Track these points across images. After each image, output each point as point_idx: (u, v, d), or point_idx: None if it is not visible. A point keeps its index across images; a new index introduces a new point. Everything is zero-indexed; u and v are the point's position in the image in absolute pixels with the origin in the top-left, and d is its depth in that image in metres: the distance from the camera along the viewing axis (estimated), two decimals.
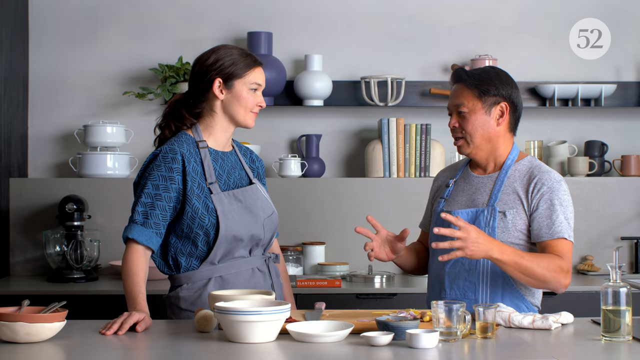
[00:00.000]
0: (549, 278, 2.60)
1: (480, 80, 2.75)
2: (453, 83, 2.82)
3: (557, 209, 2.68)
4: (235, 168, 2.83)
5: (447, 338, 2.30)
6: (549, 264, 2.60)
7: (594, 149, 4.51)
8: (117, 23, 4.52)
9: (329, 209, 4.40)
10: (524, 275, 2.59)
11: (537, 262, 2.58)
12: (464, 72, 2.79)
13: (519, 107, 2.80)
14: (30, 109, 4.50)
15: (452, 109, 2.80)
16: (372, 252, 2.75)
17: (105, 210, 4.30)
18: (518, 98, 2.79)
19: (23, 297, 2.54)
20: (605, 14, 4.60)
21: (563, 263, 2.62)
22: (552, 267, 2.60)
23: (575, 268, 4.40)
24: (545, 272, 2.59)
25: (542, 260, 2.60)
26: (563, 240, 2.67)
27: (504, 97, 2.76)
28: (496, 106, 2.76)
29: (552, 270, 2.60)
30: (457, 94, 2.78)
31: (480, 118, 2.75)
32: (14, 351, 2.21)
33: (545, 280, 2.60)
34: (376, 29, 4.58)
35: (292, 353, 2.20)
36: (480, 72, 2.79)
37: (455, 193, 2.85)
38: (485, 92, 2.74)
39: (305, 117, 4.57)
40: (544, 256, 2.62)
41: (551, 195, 2.70)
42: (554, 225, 2.67)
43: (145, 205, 2.66)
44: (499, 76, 2.78)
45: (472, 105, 2.75)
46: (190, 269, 2.73)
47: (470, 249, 2.51)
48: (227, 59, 2.73)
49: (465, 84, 2.77)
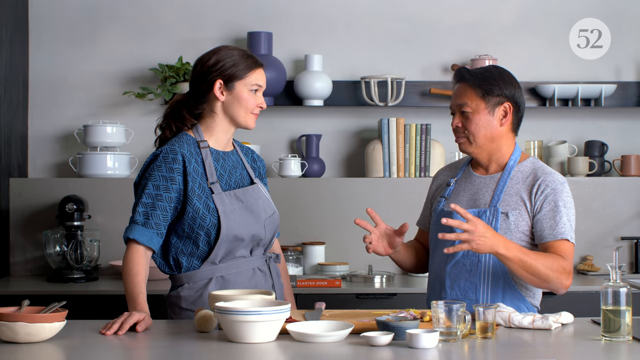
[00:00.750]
0: (552, 278, 2.59)
1: (484, 80, 2.73)
2: (456, 82, 2.79)
3: (560, 210, 2.68)
4: (237, 168, 2.83)
5: (447, 338, 2.30)
6: (553, 264, 2.59)
7: (594, 149, 4.51)
8: (117, 23, 4.52)
9: (329, 209, 4.39)
10: (528, 274, 2.58)
11: (541, 261, 2.58)
12: (467, 71, 2.76)
13: (521, 107, 2.78)
14: (30, 109, 4.50)
15: (455, 108, 2.77)
16: (370, 245, 2.73)
17: (105, 210, 4.30)
18: (521, 98, 2.78)
19: (23, 297, 2.53)
20: (605, 14, 4.60)
21: (565, 264, 2.62)
22: (556, 267, 2.60)
23: (575, 268, 4.40)
24: (548, 272, 2.58)
25: (546, 259, 2.60)
26: (565, 242, 2.67)
27: (507, 97, 2.74)
28: (500, 106, 2.74)
29: (555, 270, 2.59)
30: (460, 94, 2.76)
31: (484, 118, 2.73)
32: (14, 351, 2.21)
33: (548, 280, 2.60)
34: (376, 29, 4.58)
35: (292, 353, 2.20)
36: (484, 71, 2.76)
37: (457, 192, 2.84)
38: (489, 92, 2.72)
39: (305, 117, 4.56)
40: (547, 255, 2.61)
41: (555, 197, 2.69)
42: (557, 227, 2.67)
43: (146, 206, 2.66)
44: (502, 76, 2.76)
45: (475, 105, 2.73)
46: (191, 269, 2.73)
47: (476, 242, 2.49)
48: (228, 60, 2.73)
49: (469, 83, 2.74)
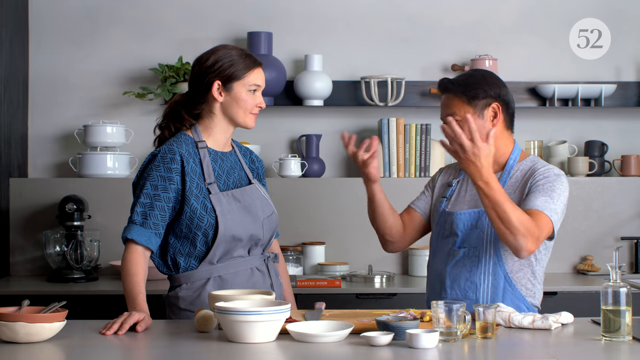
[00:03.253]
0: (519, 232, 2.52)
1: (467, 87, 2.73)
2: (441, 93, 2.81)
3: (547, 193, 2.64)
4: (235, 168, 2.83)
5: (447, 338, 2.30)
6: (526, 222, 2.53)
7: (594, 149, 4.51)
8: (117, 23, 4.52)
9: (329, 209, 4.39)
10: (497, 218, 2.53)
11: (516, 214, 2.52)
12: (449, 81, 2.77)
13: (511, 104, 2.79)
14: (30, 109, 4.50)
15: (445, 118, 2.76)
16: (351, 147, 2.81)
17: (105, 210, 4.30)
18: (508, 95, 2.78)
19: (23, 297, 2.53)
20: (605, 14, 4.60)
21: (537, 230, 2.55)
22: (528, 226, 2.53)
23: (575, 268, 4.40)
24: (518, 225, 2.52)
25: (522, 215, 2.54)
26: (544, 216, 2.60)
27: (493, 97, 2.74)
28: (488, 108, 2.74)
29: (525, 228, 2.53)
30: (448, 104, 2.77)
31: (475, 123, 2.73)
32: (14, 351, 2.21)
33: (515, 233, 2.53)
34: (376, 29, 4.58)
35: (292, 353, 2.20)
36: (466, 77, 2.77)
37: (459, 193, 2.85)
38: (474, 97, 2.73)
39: (305, 117, 4.56)
40: (524, 213, 2.56)
41: (545, 181, 2.67)
42: (536, 200, 2.62)
43: (144, 206, 2.66)
44: (484, 78, 2.76)
45: (463, 112, 2.71)
46: (189, 269, 2.73)
47: (464, 159, 2.54)
48: (226, 61, 2.72)
49: (453, 92, 2.75)
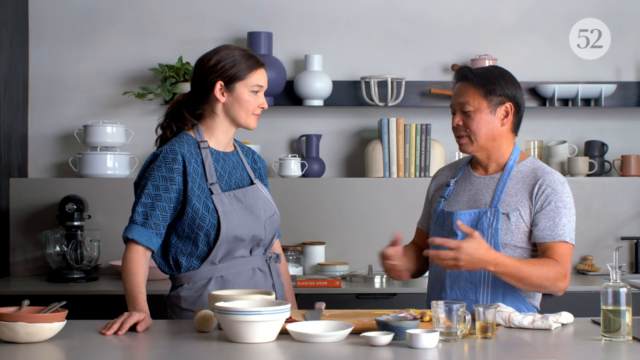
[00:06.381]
0: (547, 285, 2.63)
1: (486, 80, 2.74)
2: (457, 81, 2.79)
3: (560, 211, 2.68)
4: (237, 169, 2.82)
5: (447, 338, 2.30)
6: (548, 272, 2.62)
7: (594, 149, 4.51)
8: (116, 23, 4.52)
9: (329, 209, 4.39)
10: (522, 284, 2.63)
11: (535, 272, 2.60)
12: (470, 70, 2.77)
13: (522, 108, 2.79)
14: (30, 109, 4.50)
15: (456, 107, 2.77)
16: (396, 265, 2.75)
17: (105, 210, 4.30)
18: (522, 98, 2.78)
19: (23, 297, 2.53)
20: (605, 14, 4.60)
21: (561, 269, 2.64)
22: (551, 275, 2.62)
23: (575, 268, 4.40)
24: (543, 281, 2.62)
25: (541, 268, 2.61)
26: (564, 244, 2.67)
27: (509, 97, 2.74)
28: (501, 106, 2.74)
29: (550, 279, 2.62)
30: (462, 92, 2.76)
31: (485, 117, 2.73)
32: (14, 351, 2.21)
33: (543, 287, 2.65)
34: (376, 29, 4.58)
35: (292, 353, 2.20)
36: (485, 71, 2.77)
37: (456, 193, 2.84)
38: (491, 92, 2.73)
39: (305, 117, 4.56)
40: (542, 264, 2.63)
41: (555, 197, 2.69)
42: (556, 228, 2.67)
43: (145, 206, 2.66)
44: (503, 76, 2.76)
45: (477, 104, 2.73)
46: (191, 269, 2.73)
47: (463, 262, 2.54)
48: (229, 61, 2.71)
49: (471, 82, 2.74)
